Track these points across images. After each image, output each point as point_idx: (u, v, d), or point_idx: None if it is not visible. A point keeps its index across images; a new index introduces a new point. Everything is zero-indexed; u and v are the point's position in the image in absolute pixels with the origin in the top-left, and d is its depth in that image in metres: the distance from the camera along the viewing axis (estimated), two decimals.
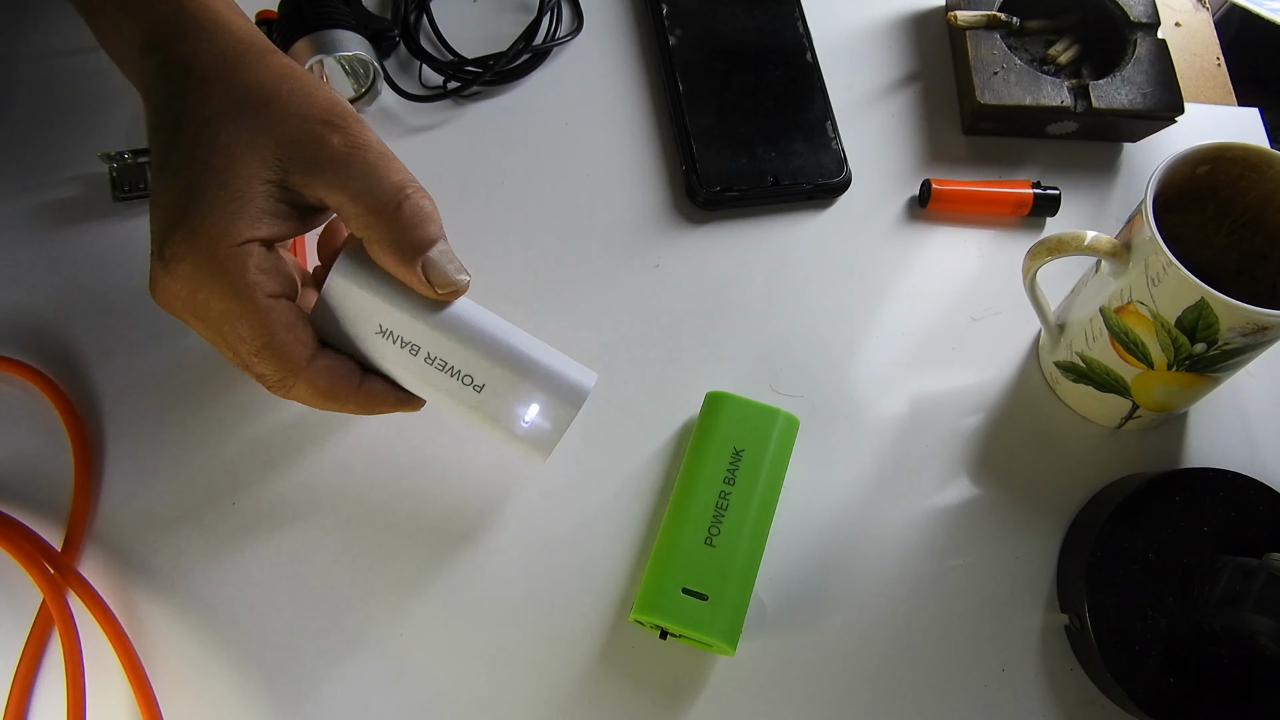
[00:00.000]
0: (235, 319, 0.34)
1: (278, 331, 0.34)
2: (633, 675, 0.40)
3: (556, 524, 0.43)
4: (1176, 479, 0.43)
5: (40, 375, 0.44)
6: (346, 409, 0.37)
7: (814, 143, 0.51)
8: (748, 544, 0.40)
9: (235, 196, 0.33)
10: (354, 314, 0.36)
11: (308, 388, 0.36)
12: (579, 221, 0.50)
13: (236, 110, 0.34)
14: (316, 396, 0.36)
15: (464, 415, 0.38)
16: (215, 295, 0.33)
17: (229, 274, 0.33)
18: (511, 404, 0.37)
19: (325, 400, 0.36)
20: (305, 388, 0.36)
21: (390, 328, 0.36)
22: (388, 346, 0.36)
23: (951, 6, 0.54)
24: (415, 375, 0.37)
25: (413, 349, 0.36)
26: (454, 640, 0.41)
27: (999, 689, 0.41)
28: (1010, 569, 0.43)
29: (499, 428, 0.38)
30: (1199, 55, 0.58)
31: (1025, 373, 0.48)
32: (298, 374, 0.35)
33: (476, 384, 0.37)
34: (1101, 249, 0.40)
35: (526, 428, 0.38)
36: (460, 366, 0.37)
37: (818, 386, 0.46)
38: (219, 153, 0.34)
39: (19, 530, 0.40)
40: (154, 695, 0.38)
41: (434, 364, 0.37)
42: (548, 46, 0.54)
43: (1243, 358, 0.40)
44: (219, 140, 0.34)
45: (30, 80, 0.51)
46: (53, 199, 0.48)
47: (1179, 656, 0.39)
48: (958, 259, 0.50)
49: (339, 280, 0.36)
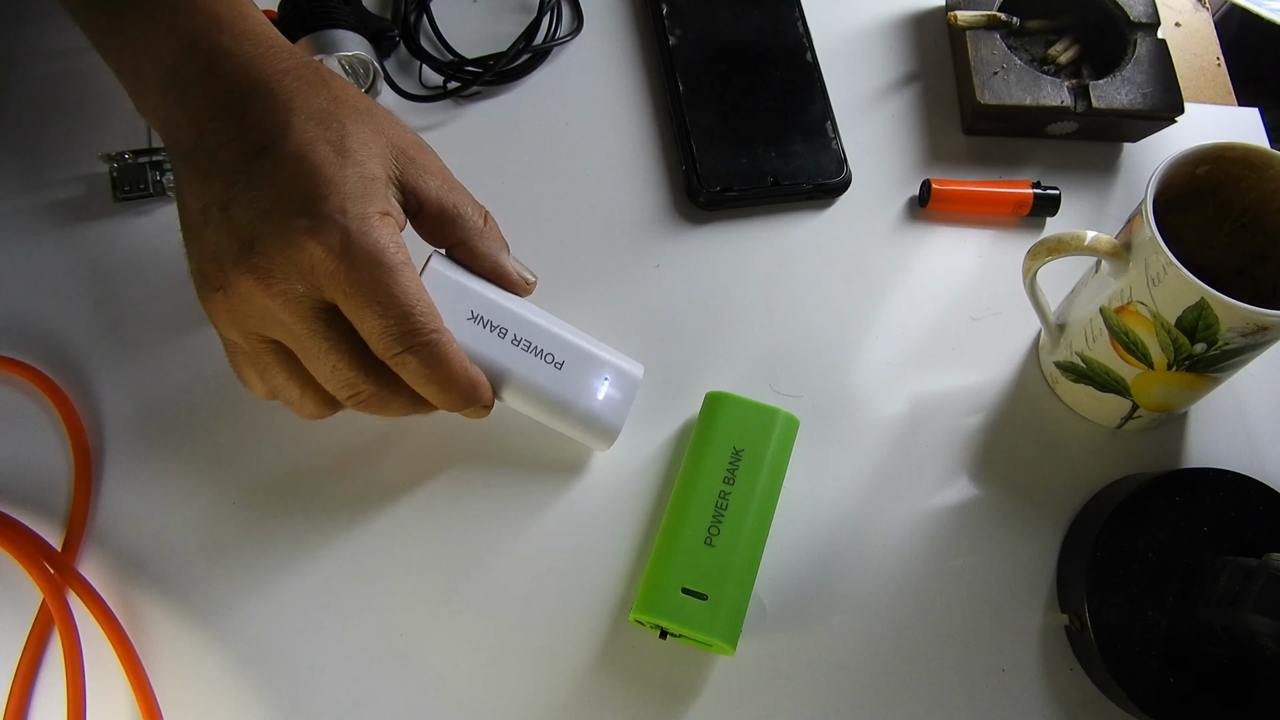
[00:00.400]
0: (396, 273, 0.34)
1: (423, 295, 0.35)
2: (633, 675, 0.40)
3: (556, 524, 0.43)
4: (1176, 479, 0.43)
5: (40, 375, 0.44)
6: (449, 390, 0.37)
7: (814, 143, 0.51)
8: (748, 544, 0.40)
9: (372, 178, 0.35)
10: (449, 300, 0.39)
11: (448, 349, 0.36)
12: (579, 221, 0.50)
13: (350, 110, 0.36)
14: (448, 364, 0.36)
15: (541, 401, 0.41)
16: (372, 255, 0.33)
17: (387, 233, 0.34)
18: (589, 376, 0.41)
19: (451, 369, 0.36)
20: (447, 348, 0.36)
21: (481, 313, 0.40)
22: (479, 330, 0.40)
23: (951, 6, 0.54)
24: (505, 356, 0.40)
25: (501, 331, 0.40)
26: (454, 640, 0.41)
27: (999, 689, 0.41)
28: (1010, 569, 0.43)
29: (574, 408, 0.41)
30: (1199, 55, 0.58)
31: (1025, 373, 0.48)
32: (440, 332, 0.36)
33: (557, 361, 0.41)
34: (1101, 249, 0.40)
35: (601, 402, 0.41)
36: (544, 345, 0.41)
37: (818, 386, 0.46)
38: (350, 139, 0.35)
39: (19, 530, 0.40)
40: (154, 695, 0.38)
41: (520, 344, 0.40)
42: (548, 46, 0.54)
43: (1243, 358, 0.40)
44: (347, 130, 0.35)
45: (30, 80, 0.51)
46: (53, 199, 0.48)
47: (1179, 656, 0.39)
48: (958, 259, 0.50)
49: (438, 269, 0.39)
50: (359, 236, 0.33)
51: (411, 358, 0.35)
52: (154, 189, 0.48)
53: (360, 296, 0.34)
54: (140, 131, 0.49)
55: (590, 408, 0.41)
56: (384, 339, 0.35)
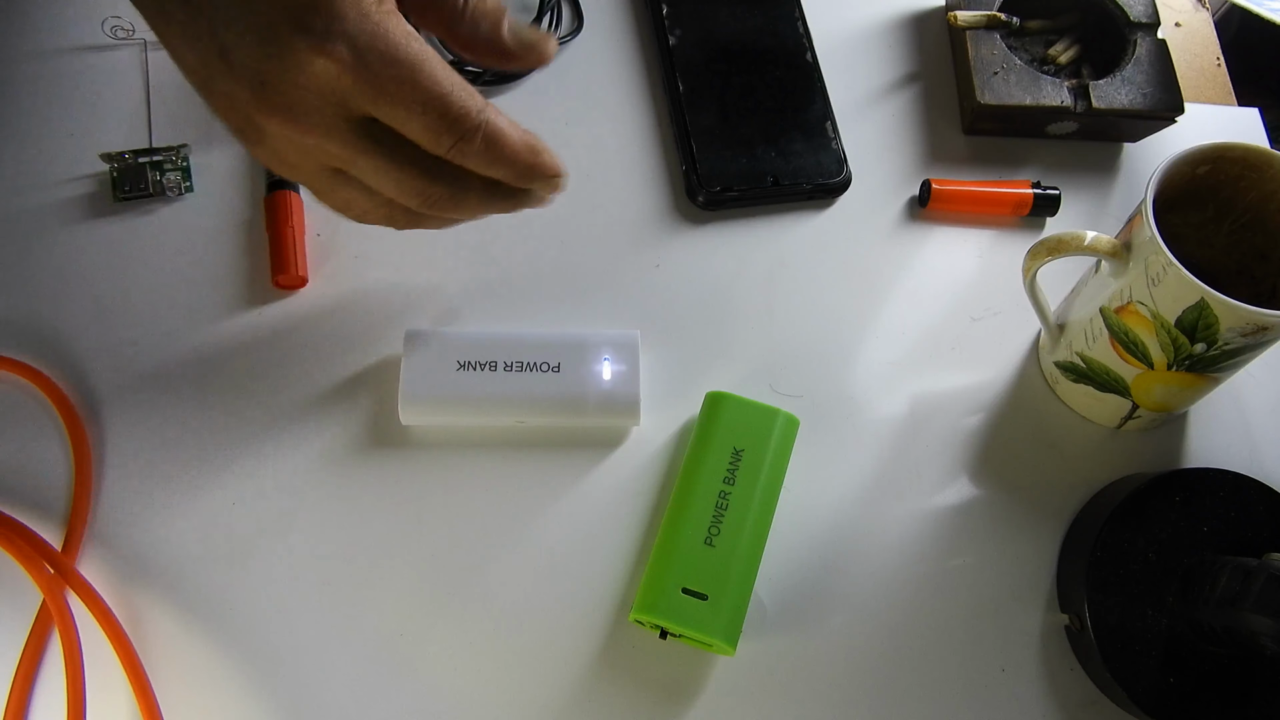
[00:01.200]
0: (419, 67, 0.31)
1: (457, 79, 0.32)
2: (633, 675, 0.40)
3: (556, 523, 0.43)
4: (1176, 479, 0.43)
5: (40, 375, 0.44)
6: (516, 163, 0.34)
7: (814, 143, 0.51)
8: (748, 544, 0.40)
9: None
10: (434, 361, 0.42)
11: (500, 123, 0.33)
12: (579, 222, 0.50)
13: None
14: (506, 138, 0.34)
15: (555, 410, 0.43)
16: (386, 55, 0.31)
17: (395, 25, 0.31)
18: (588, 364, 0.43)
19: (512, 143, 0.34)
20: (499, 122, 0.33)
21: (467, 358, 0.43)
22: (472, 375, 0.43)
23: (951, 6, 0.54)
24: (505, 386, 0.42)
25: (491, 366, 0.43)
26: (454, 640, 0.41)
27: (999, 689, 0.41)
28: (1010, 569, 0.43)
29: (588, 400, 0.42)
30: (1199, 55, 0.58)
31: (1025, 373, 0.48)
32: (486, 110, 0.33)
33: (554, 365, 0.43)
34: (1101, 249, 0.40)
35: (610, 381, 0.43)
36: (535, 358, 0.43)
37: (818, 386, 0.46)
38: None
39: (19, 530, 0.40)
40: (154, 695, 0.38)
41: (513, 369, 0.43)
42: None
43: (1243, 358, 0.40)
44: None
45: (30, 80, 0.51)
46: (53, 199, 0.48)
47: (1179, 656, 0.39)
48: (958, 259, 0.50)
49: (413, 337, 0.43)
50: (366, 39, 0.30)
51: (468, 145, 0.33)
52: (154, 189, 0.48)
53: (392, 103, 0.31)
54: (140, 131, 0.49)
55: (601, 391, 0.43)
56: (433, 136, 0.32)
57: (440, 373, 0.42)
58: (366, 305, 0.47)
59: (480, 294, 0.47)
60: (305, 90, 0.31)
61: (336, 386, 0.45)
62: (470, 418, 0.44)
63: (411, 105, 0.31)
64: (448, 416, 0.43)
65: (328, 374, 0.45)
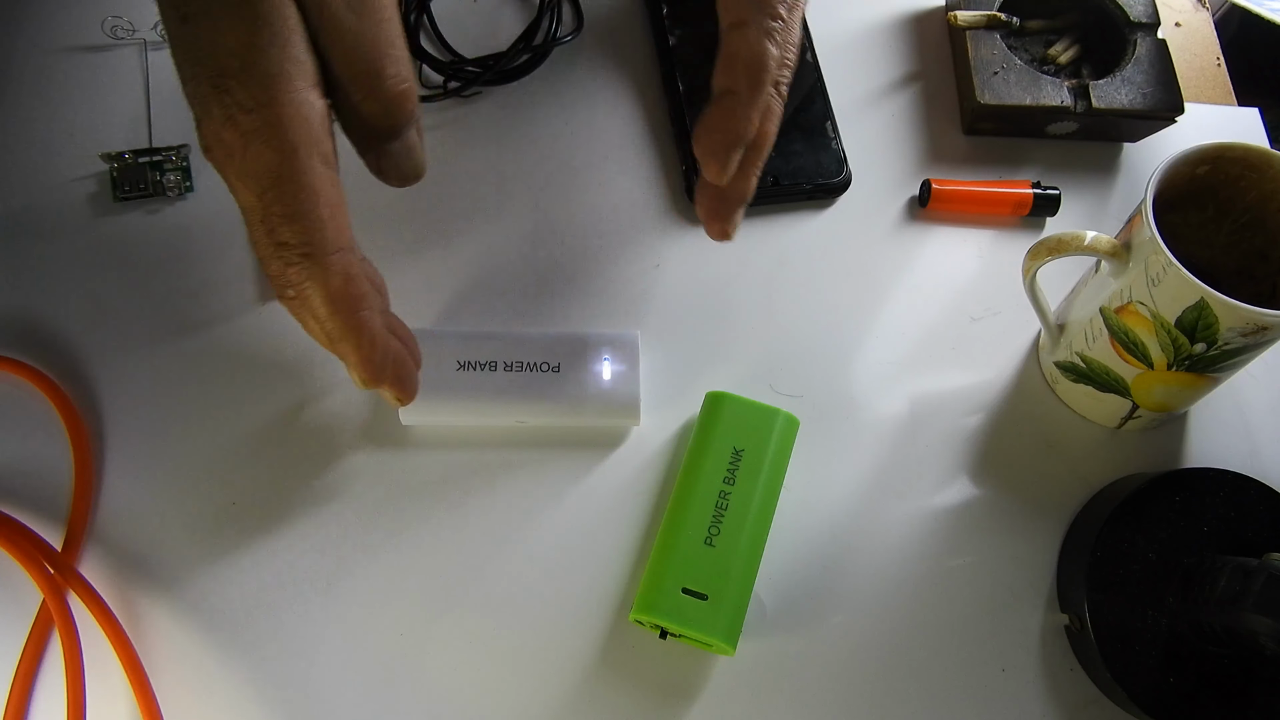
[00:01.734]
0: (283, 181, 0.30)
1: (320, 205, 0.30)
2: (633, 675, 0.40)
3: (556, 524, 0.43)
4: (1176, 479, 0.43)
5: (40, 375, 0.44)
6: (344, 332, 0.32)
7: (814, 143, 0.51)
8: (748, 544, 0.40)
9: (279, 38, 0.29)
10: (433, 361, 0.41)
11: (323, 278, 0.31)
12: (579, 221, 0.50)
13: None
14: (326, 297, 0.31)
15: (555, 410, 0.43)
16: (268, 149, 0.29)
17: (289, 126, 0.29)
18: (588, 364, 0.43)
19: (332, 303, 0.32)
20: (322, 277, 0.31)
21: (466, 358, 0.43)
22: (472, 375, 0.42)
23: (951, 6, 0.54)
24: (504, 386, 0.42)
25: (490, 366, 0.43)
26: (455, 641, 0.41)
27: (999, 689, 0.41)
28: (1010, 569, 0.43)
29: (587, 400, 0.42)
30: (1199, 55, 0.58)
31: (1025, 373, 0.48)
32: (321, 256, 0.31)
33: (553, 365, 0.43)
34: (1101, 249, 0.40)
35: (610, 381, 0.43)
36: (534, 358, 0.43)
37: (818, 386, 0.46)
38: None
39: (19, 530, 0.40)
40: (154, 695, 0.38)
41: (512, 369, 0.43)
42: (548, 46, 0.54)
43: (1243, 358, 0.40)
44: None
45: (31, 79, 0.51)
46: (53, 199, 0.48)
47: (1179, 656, 0.39)
48: (958, 259, 0.50)
49: (415, 334, 0.40)
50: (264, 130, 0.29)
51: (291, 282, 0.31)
52: (154, 189, 0.48)
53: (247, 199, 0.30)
54: (140, 131, 0.49)
55: (601, 391, 0.43)
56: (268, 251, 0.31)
57: (440, 373, 0.42)
58: None
59: (480, 294, 0.47)
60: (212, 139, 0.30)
61: (337, 386, 0.45)
62: (470, 418, 0.44)
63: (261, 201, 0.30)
64: (448, 416, 0.43)
65: (328, 374, 0.45)
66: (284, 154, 0.30)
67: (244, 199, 0.31)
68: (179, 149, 0.48)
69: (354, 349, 0.32)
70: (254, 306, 0.46)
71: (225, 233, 0.47)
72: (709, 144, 0.38)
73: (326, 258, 0.31)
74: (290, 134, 0.30)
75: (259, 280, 0.46)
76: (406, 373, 0.35)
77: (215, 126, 0.30)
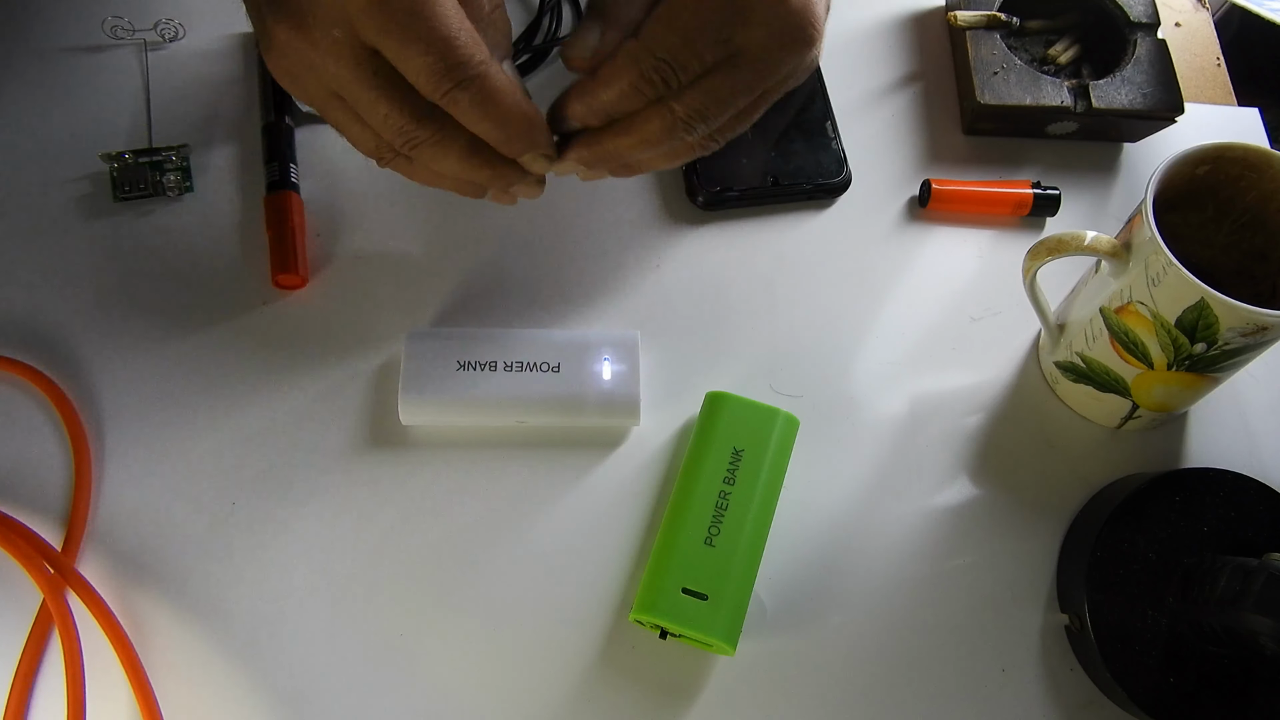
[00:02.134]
0: (431, 3, 0.31)
1: (464, 27, 0.32)
2: (633, 675, 0.40)
3: (556, 524, 0.43)
4: (1176, 479, 0.43)
5: (40, 375, 0.44)
6: (505, 126, 0.34)
7: (814, 143, 0.51)
8: (748, 544, 0.40)
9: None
10: (434, 360, 0.42)
11: (499, 81, 0.33)
12: (579, 222, 0.50)
13: None
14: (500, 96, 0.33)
15: (554, 409, 0.43)
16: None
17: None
18: (588, 364, 0.43)
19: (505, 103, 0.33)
20: (497, 80, 0.33)
21: (467, 358, 0.43)
22: (472, 375, 0.43)
23: (951, 6, 0.54)
24: (504, 386, 0.42)
25: (491, 366, 0.43)
26: (454, 640, 0.41)
27: (999, 689, 0.41)
28: (1010, 569, 0.43)
29: (587, 400, 0.43)
30: (1199, 55, 0.58)
31: (1025, 373, 0.48)
32: (489, 64, 0.32)
33: (553, 365, 0.43)
34: (1101, 249, 0.40)
35: (610, 381, 0.43)
36: (535, 358, 0.43)
37: (818, 386, 0.46)
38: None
39: (19, 530, 0.40)
40: (154, 695, 0.38)
41: (512, 369, 0.43)
42: (548, 46, 0.54)
43: (1243, 358, 0.40)
44: None
45: (31, 79, 0.51)
46: (53, 199, 0.48)
47: (1179, 656, 0.39)
48: (958, 259, 0.50)
49: (414, 337, 0.43)
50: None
51: (461, 94, 0.32)
52: (154, 189, 0.48)
53: (395, 37, 0.31)
54: (140, 131, 0.49)
55: (601, 390, 0.43)
56: (429, 77, 0.32)
57: (440, 373, 0.42)
58: (366, 305, 0.47)
59: (480, 294, 0.47)
60: (320, 6, 0.31)
61: (336, 386, 0.45)
62: (470, 418, 0.44)
63: (414, 42, 0.31)
64: (448, 416, 0.43)
65: (328, 374, 0.45)
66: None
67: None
68: (179, 149, 0.48)
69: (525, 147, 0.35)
70: (254, 306, 0.46)
71: (225, 233, 0.47)
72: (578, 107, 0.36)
73: (486, 66, 0.32)
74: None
75: (259, 280, 0.46)
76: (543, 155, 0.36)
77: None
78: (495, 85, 0.33)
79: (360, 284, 0.47)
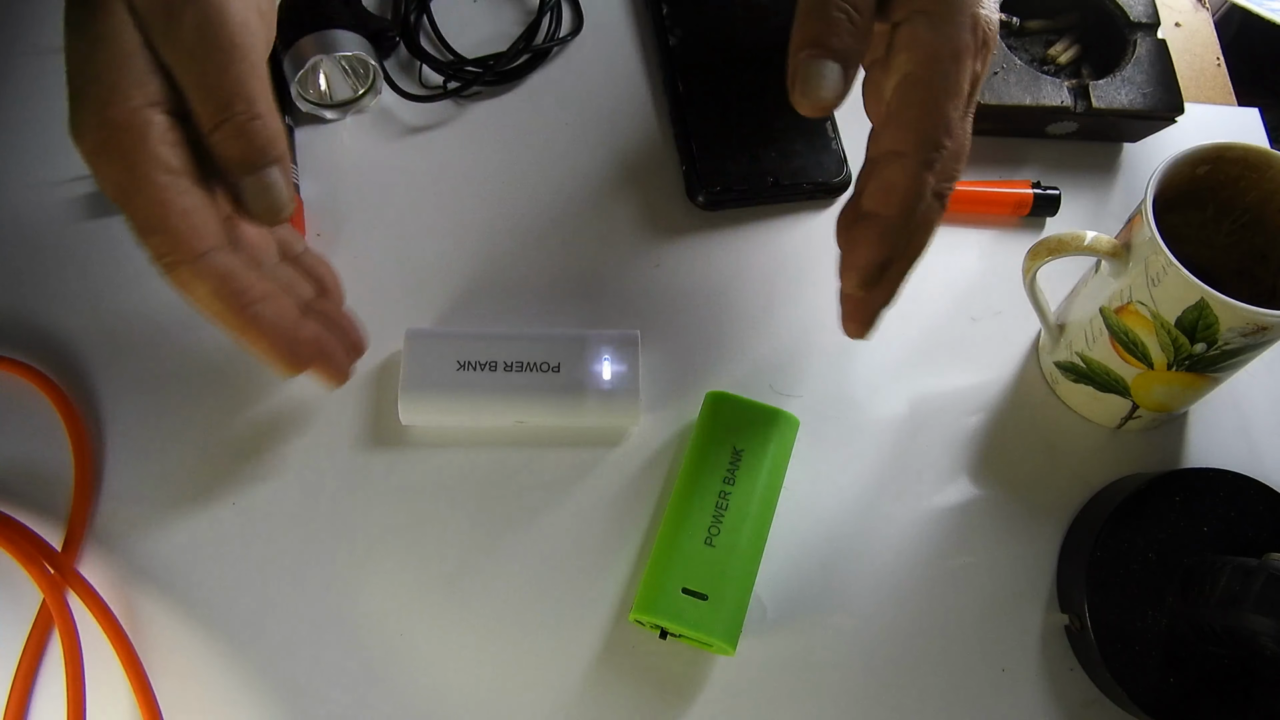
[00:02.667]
0: (130, 195, 0.31)
1: (170, 215, 0.31)
2: (633, 675, 0.40)
3: (556, 524, 0.43)
4: (1176, 479, 0.43)
5: (40, 375, 0.44)
6: (236, 328, 0.34)
7: (814, 143, 0.51)
8: (748, 544, 0.40)
9: (117, 58, 0.31)
10: (434, 360, 0.43)
11: (194, 283, 0.33)
12: (579, 222, 0.50)
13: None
14: (206, 299, 0.33)
15: (555, 409, 0.43)
16: (108, 165, 0.31)
17: (122, 143, 0.30)
18: (588, 363, 0.43)
19: (212, 305, 0.33)
20: (192, 282, 0.33)
21: (466, 358, 0.43)
22: (473, 375, 0.42)
23: None
24: (504, 385, 0.42)
25: (491, 366, 0.43)
26: (454, 640, 0.41)
27: (999, 689, 0.41)
28: (1010, 569, 0.43)
29: (587, 399, 0.43)
30: (1199, 55, 0.58)
31: (1025, 373, 0.48)
32: (189, 263, 0.32)
33: (553, 365, 0.43)
34: (1101, 249, 0.40)
35: (610, 380, 0.43)
36: (535, 358, 0.43)
37: (818, 386, 0.46)
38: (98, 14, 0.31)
39: (19, 530, 0.40)
40: (154, 695, 0.38)
41: (512, 369, 0.43)
42: (548, 46, 0.54)
43: (1243, 358, 0.40)
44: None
45: (31, 79, 0.51)
46: (53, 199, 0.48)
47: (1179, 656, 0.39)
48: (958, 259, 0.50)
49: (414, 335, 0.43)
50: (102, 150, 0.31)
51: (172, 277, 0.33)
52: None
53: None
54: None
55: (601, 390, 0.43)
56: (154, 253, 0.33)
57: (440, 372, 0.42)
58: (366, 305, 0.46)
59: (480, 294, 0.47)
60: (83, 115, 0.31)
61: None
62: (470, 417, 0.44)
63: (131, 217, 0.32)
64: (448, 416, 0.43)
65: None
66: (124, 169, 0.31)
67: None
68: None
69: (252, 342, 0.34)
70: None
71: None
72: (851, 259, 0.35)
73: (194, 264, 0.33)
74: (125, 151, 0.31)
75: None
76: (327, 357, 0.36)
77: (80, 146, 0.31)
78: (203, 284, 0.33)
79: (360, 283, 0.47)
